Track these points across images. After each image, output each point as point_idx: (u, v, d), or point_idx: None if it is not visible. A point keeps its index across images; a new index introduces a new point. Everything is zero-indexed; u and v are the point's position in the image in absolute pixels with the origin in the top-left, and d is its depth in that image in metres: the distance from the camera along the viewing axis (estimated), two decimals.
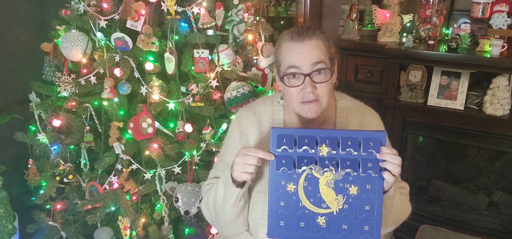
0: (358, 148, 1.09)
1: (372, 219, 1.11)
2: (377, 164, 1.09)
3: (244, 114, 1.36)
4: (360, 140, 1.10)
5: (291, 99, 1.23)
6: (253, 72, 2.00)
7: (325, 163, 1.10)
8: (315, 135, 1.11)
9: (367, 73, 2.65)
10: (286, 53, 1.20)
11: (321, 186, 1.11)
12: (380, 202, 1.10)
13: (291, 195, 1.12)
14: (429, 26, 2.37)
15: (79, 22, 1.87)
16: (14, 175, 2.13)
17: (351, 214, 1.11)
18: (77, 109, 1.93)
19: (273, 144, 1.12)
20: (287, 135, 1.12)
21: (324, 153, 1.11)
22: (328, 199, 1.11)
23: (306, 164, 1.11)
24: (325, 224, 1.12)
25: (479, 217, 2.47)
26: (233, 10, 1.85)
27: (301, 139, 1.11)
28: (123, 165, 1.87)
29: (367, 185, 1.10)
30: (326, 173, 1.10)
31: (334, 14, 3.10)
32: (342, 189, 1.11)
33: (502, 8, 2.20)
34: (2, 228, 1.78)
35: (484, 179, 2.51)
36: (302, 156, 1.11)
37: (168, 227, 1.94)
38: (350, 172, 1.10)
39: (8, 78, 2.15)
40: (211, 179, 1.40)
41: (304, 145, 1.11)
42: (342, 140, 1.10)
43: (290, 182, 1.12)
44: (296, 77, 1.19)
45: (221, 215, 1.30)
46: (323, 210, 1.12)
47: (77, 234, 2.04)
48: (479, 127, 2.25)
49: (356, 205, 1.11)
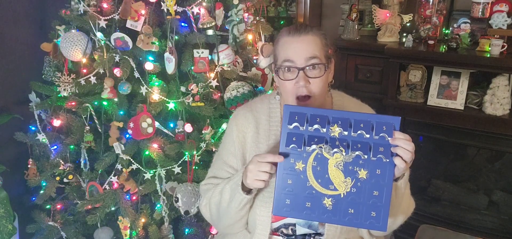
0: (371, 131, 1.07)
1: (380, 206, 1.08)
2: (389, 149, 1.07)
3: (241, 113, 1.36)
4: (373, 123, 1.08)
5: (286, 93, 1.24)
6: (253, 72, 2.00)
7: (336, 144, 1.09)
8: (328, 115, 1.10)
9: (367, 73, 2.65)
10: (282, 48, 1.22)
11: (330, 167, 1.10)
12: (390, 189, 1.08)
13: (299, 174, 1.11)
14: (429, 26, 2.37)
15: (79, 22, 1.87)
16: (14, 175, 2.13)
17: (359, 198, 1.09)
18: (77, 109, 1.93)
19: (285, 120, 1.11)
20: (299, 113, 1.11)
21: (336, 134, 1.09)
22: (336, 180, 1.10)
23: (316, 143, 1.10)
24: (331, 206, 1.10)
25: (479, 217, 2.47)
26: (233, 10, 1.85)
27: (313, 117, 1.11)
28: (123, 165, 1.87)
29: (377, 170, 1.08)
30: (336, 154, 1.09)
31: (334, 14, 3.10)
32: (351, 171, 1.09)
33: (502, 8, 2.20)
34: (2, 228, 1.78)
35: (484, 178, 2.51)
36: (313, 135, 1.10)
37: (168, 227, 1.94)
38: (361, 154, 1.08)
39: (8, 78, 2.15)
40: (209, 179, 1.41)
41: (316, 124, 1.10)
42: (355, 122, 1.09)
43: (299, 160, 1.11)
44: (290, 71, 1.20)
45: (224, 217, 1.30)
46: (330, 192, 1.10)
47: (77, 234, 2.03)
48: (479, 127, 2.25)
49: (364, 189, 1.08)
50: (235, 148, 1.33)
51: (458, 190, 2.57)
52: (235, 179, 1.24)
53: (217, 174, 1.38)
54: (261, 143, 1.30)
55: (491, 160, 2.48)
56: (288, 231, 1.29)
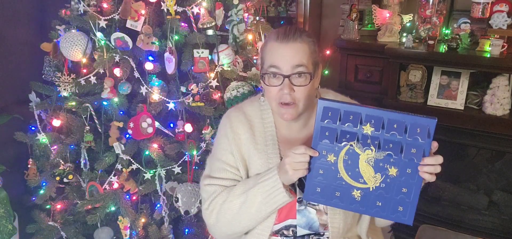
0: (404, 132, 1.08)
1: (408, 202, 1.10)
2: (421, 151, 1.07)
3: (234, 115, 1.34)
4: (407, 124, 1.07)
5: (270, 99, 1.24)
6: (253, 72, 2.00)
7: (367, 142, 1.10)
8: (361, 113, 1.10)
9: (367, 73, 2.65)
10: (269, 52, 1.21)
11: (360, 162, 1.11)
12: (419, 188, 1.09)
13: (330, 165, 1.14)
14: (429, 26, 2.37)
15: (79, 22, 1.87)
16: (14, 175, 2.13)
17: (387, 193, 1.11)
18: (77, 109, 1.93)
19: (318, 116, 1.13)
20: (333, 109, 1.12)
21: (368, 132, 1.10)
22: (366, 175, 1.12)
23: (348, 140, 1.11)
24: (359, 198, 1.13)
25: (479, 217, 2.47)
26: (233, 10, 1.85)
27: (347, 114, 1.11)
28: (123, 165, 1.87)
29: (407, 169, 1.09)
30: (367, 151, 1.10)
31: (334, 14, 3.10)
32: (381, 168, 1.10)
33: (502, 8, 2.20)
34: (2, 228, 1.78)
35: (484, 178, 2.51)
36: (345, 131, 1.11)
37: (168, 227, 1.94)
38: (392, 154, 1.09)
39: (8, 78, 2.15)
40: (213, 186, 1.32)
41: (348, 121, 1.11)
42: (388, 122, 1.09)
43: (331, 153, 1.13)
44: (276, 77, 1.19)
45: (243, 221, 1.25)
46: (359, 185, 1.12)
47: (77, 234, 2.03)
48: (479, 127, 2.25)
49: (393, 185, 1.10)
50: (232, 146, 1.30)
51: (458, 190, 2.57)
52: (265, 181, 1.20)
53: (217, 174, 1.33)
54: (259, 144, 1.30)
55: (491, 160, 2.47)
56: (288, 232, 1.29)
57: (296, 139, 1.32)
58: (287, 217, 1.27)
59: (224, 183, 1.31)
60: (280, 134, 1.32)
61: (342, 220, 1.27)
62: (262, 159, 1.29)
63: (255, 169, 1.30)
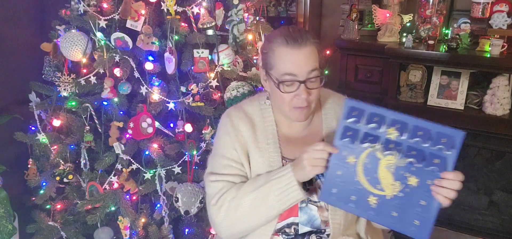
0: (428, 140, 1.04)
1: (425, 216, 1.05)
2: (444, 162, 1.03)
3: (234, 113, 1.34)
4: (433, 132, 1.04)
5: (283, 104, 1.23)
6: (253, 72, 2.00)
7: (389, 147, 1.07)
8: (386, 116, 1.09)
9: (367, 73, 2.65)
10: (280, 59, 1.19)
11: (380, 167, 1.08)
12: (438, 202, 1.04)
13: (349, 167, 1.11)
14: (429, 26, 2.37)
15: (79, 22, 1.87)
16: (14, 175, 2.13)
17: (405, 203, 1.06)
18: (77, 109, 1.93)
19: (344, 114, 1.12)
20: (359, 109, 1.11)
21: (392, 136, 1.07)
22: (385, 181, 1.08)
23: (371, 142, 1.09)
24: (375, 205, 1.09)
25: (479, 217, 2.47)
26: (233, 10, 1.85)
27: (371, 116, 1.10)
28: (123, 165, 1.87)
29: (428, 180, 1.04)
30: (388, 156, 1.07)
31: (334, 14, 3.10)
32: (401, 176, 1.06)
33: (502, 8, 2.20)
34: (2, 228, 1.78)
35: (484, 178, 2.51)
36: (369, 133, 1.09)
37: (168, 227, 1.94)
38: (414, 162, 1.05)
39: (8, 78, 2.15)
40: (220, 181, 1.28)
41: (372, 123, 1.09)
42: (413, 128, 1.06)
43: (351, 154, 1.11)
44: (292, 84, 1.19)
45: (253, 219, 1.23)
46: (377, 191, 1.09)
47: (77, 234, 2.03)
48: (479, 127, 2.25)
49: (412, 196, 1.05)
50: (234, 143, 1.29)
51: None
52: (279, 178, 1.19)
53: (222, 171, 1.30)
54: (260, 142, 1.29)
55: (491, 160, 2.47)
56: (290, 230, 1.29)
57: (297, 138, 1.33)
58: (290, 215, 1.27)
59: (231, 179, 1.28)
60: (281, 133, 1.33)
61: (343, 217, 1.27)
62: (264, 157, 1.28)
63: (256, 167, 1.29)
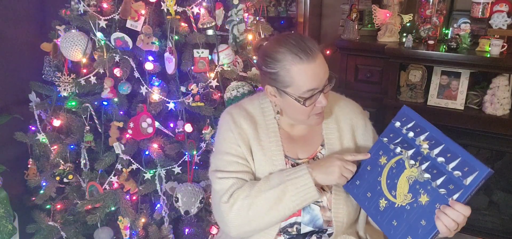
0: (452, 162, 1.05)
1: (419, 236, 1.05)
2: (457, 190, 1.02)
3: (235, 111, 1.33)
4: (460, 158, 1.04)
5: (303, 115, 1.23)
6: (253, 72, 2.00)
7: (417, 158, 1.11)
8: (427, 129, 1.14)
9: (367, 73, 2.65)
10: (300, 76, 1.16)
11: (402, 176, 1.13)
12: (436, 229, 1.03)
13: (378, 166, 1.17)
14: (429, 26, 2.37)
15: (79, 22, 1.87)
16: (14, 175, 2.13)
17: (407, 216, 1.08)
18: (77, 109, 1.93)
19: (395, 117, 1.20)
20: (408, 117, 1.18)
21: (424, 151, 1.11)
22: (400, 190, 1.12)
23: (404, 148, 1.14)
24: (383, 208, 1.14)
25: (479, 217, 2.47)
26: (233, 10, 1.85)
27: (415, 126, 1.15)
28: (123, 165, 1.87)
29: (437, 203, 1.04)
30: (413, 168, 1.11)
31: (334, 14, 3.10)
32: (416, 190, 1.09)
33: (502, 8, 2.20)
34: (2, 228, 1.78)
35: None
36: (405, 140, 1.15)
37: (168, 227, 1.94)
38: (430, 179, 1.07)
39: (8, 78, 2.15)
40: (229, 179, 1.26)
41: (413, 132, 1.15)
42: (444, 148, 1.08)
43: (385, 156, 1.17)
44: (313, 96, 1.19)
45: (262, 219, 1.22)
46: (389, 196, 1.14)
47: (77, 234, 2.03)
48: (479, 127, 2.25)
49: (416, 212, 1.07)
50: (237, 139, 1.28)
51: None
52: (296, 179, 1.18)
53: (229, 168, 1.27)
54: (262, 140, 1.29)
55: (491, 160, 2.47)
56: (292, 230, 1.29)
57: (299, 136, 1.34)
58: (293, 214, 1.26)
59: (240, 176, 1.26)
60: (282, 131, 1.33)
61: (346, 215, 1.27)
62: (266, 156, 1.28)
63: (259, 164, 1.29)
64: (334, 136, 1.32)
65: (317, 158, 1.32)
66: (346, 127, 1.34)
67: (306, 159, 1.31)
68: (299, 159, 1.31)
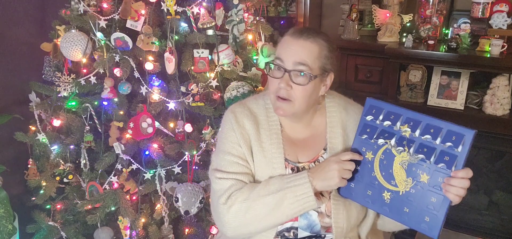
0: (438, 138, 1.08)
1: (435, 214, 1.07)
2: (453, 160, 1.05)
3: (238, 110, 1.32)
4: (444, 130, 1.07)
5: (270, 91, 1.26)
6: (253, 72, 2.00)
7: (403, 144, 1.12)
8: (402, 114, 1.15)
9: (367, 73, 2.65)
10: (280, 45, 1.24)
11: (395, 163, 1.13)
12: (448, 200, 1.06)
13: (367, 163, 1.18)
14: (429, 26, 2.37)
15: (79, 22, 1.87)
16: (14, 175, 2.13)
17: (416, 200, 1.10)
18: (77, 109, 1.93)
19: (363, 112, 1.20)
20: (377, 107, 1.19)
21: (406, 134, 1.12)
22: (398, 178, 1.13)
23: (386, 138, 1.15)
24: (389, 200, 1.14)
25: (479, 217, 2.47)
26: (233, 10, 1.85)
27: (388, 114, 1.16)
28: (123, 165, 1.87)
29: (439, 178, 1.07)
30: (402, 153, 1.12)
31: (334, 14, 3.10)
32: (413, 172, 1.11)
33: (502, 8, 2.20)
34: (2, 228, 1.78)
35: (484, 178, 2.51)
36: (385, 130, 1.16)
37: (168, 227, 1.94)
38: (424, 158, 1.08)
39: (8, 78, 2.15)
40: (229, 180, 1.25)
41: (389, 120, 1.16)
42: (425, 126, 1.10)
43: (369, 151, 1.17)
44: (279, 70, 1.22)
45: (259, 223, 1.22)
46: (391, 187, 1.14)
47: (77, 234, 2.03)
48: (479, 127, 2.23)
49: (422, 193, 1.09)
50: (239, 139, 1.27)
51: None
52: (296, 186, 1.18)
53: (229, 169, 1.27)
54: (264, 142, 1.28)
55: (491, 160, 2.47)
56: (289, 234, 1.28)
57: (300, 140, 1.32)
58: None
59: (240, 178, 1.26)
60: (285, 134, 1.32)
61: (346, 220, 1.26)
62: (266, 158, 1.27)
63: (258, 165, 1.28)
64: (338, 140, 1.30)
65: (318, 162, 1.29)
66: (352, 133, 1.30)
67: (306, 163, 1.30)
68: (299, 163, 1.30)
